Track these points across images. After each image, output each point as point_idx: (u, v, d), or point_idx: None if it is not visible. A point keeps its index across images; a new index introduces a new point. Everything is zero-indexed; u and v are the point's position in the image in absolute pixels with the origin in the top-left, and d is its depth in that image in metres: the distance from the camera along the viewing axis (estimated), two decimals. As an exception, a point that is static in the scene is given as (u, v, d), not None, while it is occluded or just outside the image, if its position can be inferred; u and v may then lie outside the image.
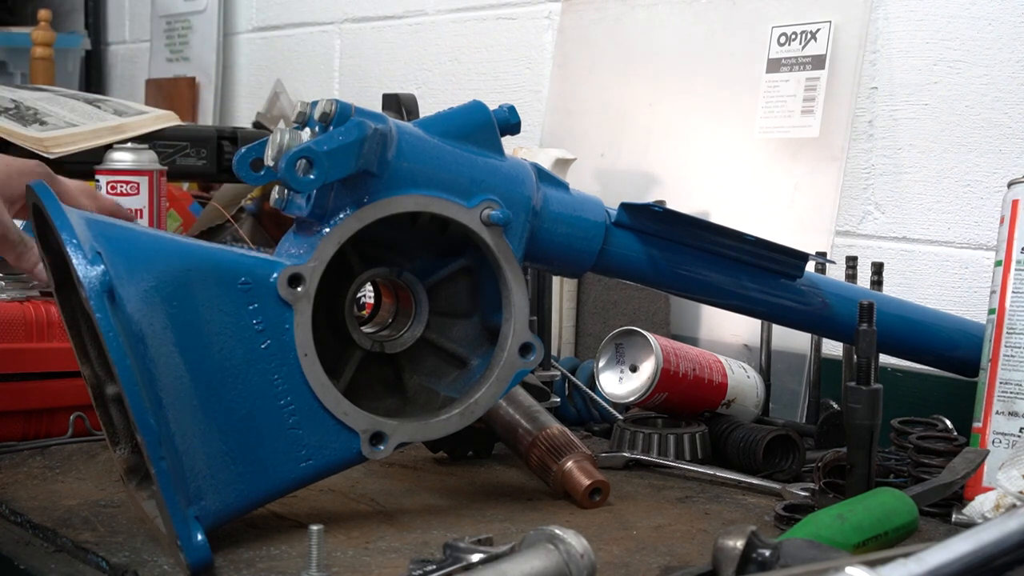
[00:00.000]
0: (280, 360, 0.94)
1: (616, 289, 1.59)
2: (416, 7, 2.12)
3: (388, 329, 1.06)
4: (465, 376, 1.05)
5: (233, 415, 0.92)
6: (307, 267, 0.94)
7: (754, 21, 1.59)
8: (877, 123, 1.48)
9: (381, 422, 0.97)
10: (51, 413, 1.27)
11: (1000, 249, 1.11)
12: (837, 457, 1.05)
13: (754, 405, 1.34)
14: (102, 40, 2.93)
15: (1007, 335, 1.08)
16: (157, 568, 0.89)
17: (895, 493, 0.94)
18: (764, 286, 1.13)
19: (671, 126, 1.67)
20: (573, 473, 1.07)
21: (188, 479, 0.89)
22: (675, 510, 1.08)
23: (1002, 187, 1.17)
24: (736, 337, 1.54)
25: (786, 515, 1.02)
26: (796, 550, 0.70)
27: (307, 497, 1.05)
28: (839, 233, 1.50)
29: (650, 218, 1.08)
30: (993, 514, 0.97)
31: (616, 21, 1.77)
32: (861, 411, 0.99)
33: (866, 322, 1.00)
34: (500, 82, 1.97)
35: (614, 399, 1.29)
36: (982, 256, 1.39)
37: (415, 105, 1.64)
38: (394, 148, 0.96)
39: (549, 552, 0.73)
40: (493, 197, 1.00)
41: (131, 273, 0.88)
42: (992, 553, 0.67)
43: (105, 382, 1.00)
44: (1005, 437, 1.07)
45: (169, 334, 0.89)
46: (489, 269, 1.03)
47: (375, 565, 0.90)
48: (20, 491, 1.08)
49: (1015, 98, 1.37)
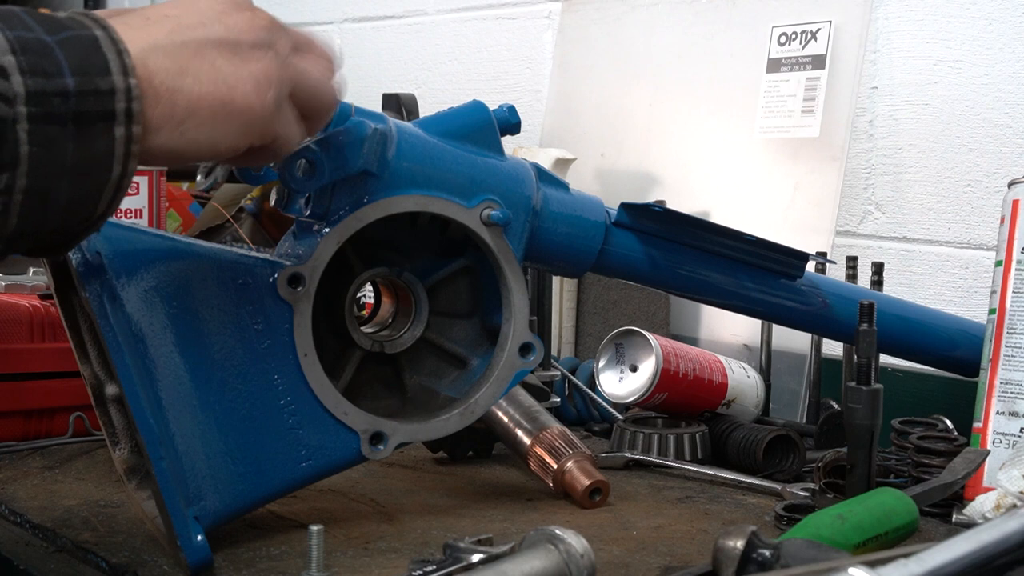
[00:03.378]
0: (280, 360, 0.94)
1: (616, 289, 1.59)
2: (416, 7, 2.12)
3: (388, 329, 1.06)
4: (465, 376, 1.05)
5: (233, 415, 0.92)
6: (307, 267, 0.94)
7: (754, 21, 1.59)
8: (877, 123, 1.48)
9: (381, 422, 0.97)
10: (51, 413, 1.27)
11: (1000, 249, 1.11)
12: (837, 457, 1.05)
13: (754, 405, 1.34)
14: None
15: (1007, 335, 1.08)
16: (157, 568, 0.89)
17: (895, 493, 0.94)
18: (764, 286, 1.13)
19: (671, 126, 1.67)
20: (573, 473, 1.07)
21: (188, 479, 0.89)
22: (675, 510, 1.08)
23: (1002, 187, 1.17)
24: (736, 337, 1.54)
25: (786, 515, 1.02)
26: (796, 550, 0.70)
27: (307, 497, 1.05)
28: (839, 233, 1.50)
29: (650, 218, 1.08)
30: (993, 514, 0.97)
31: (616, 21, 1.77)
32: (861, 411, 0.99)
33: (866, 322, 1.00)
34: (500, 82, 1.97)
35: (614, 399, 1.29)
36: (982, 256, 1.39)
37: (415, 105, 1.64)
38: (394, 148, 0.96)
39: (549, 552, 0.73)
40: (493, 197, 1.00)
41: (131, 273, 0.88)
42: (992, 553, 0.67)
43: (105, 382, 0.99)
44: (1005, 437, 1.07)
45: (169, 334, 0.89)
46: (489, 269, 1.03)
47: (375, 565, 0.90)
48: (20, 491, 1.08)
49: (1015, 98, 1.37)
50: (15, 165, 0.67)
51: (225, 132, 0.77)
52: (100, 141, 0.70)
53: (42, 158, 0.68)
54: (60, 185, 0.70)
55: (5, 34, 0.68)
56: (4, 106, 0.66)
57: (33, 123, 0.68)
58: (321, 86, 0.84)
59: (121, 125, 0.71)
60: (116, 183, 0.72)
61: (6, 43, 0.67)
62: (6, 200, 0.68)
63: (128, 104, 0.71)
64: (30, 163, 0.68)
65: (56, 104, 0.68)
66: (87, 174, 0.71)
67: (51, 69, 0.68)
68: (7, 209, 0.68)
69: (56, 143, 0.69)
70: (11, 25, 0.69)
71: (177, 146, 0.75)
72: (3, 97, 0.66)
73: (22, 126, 0.67)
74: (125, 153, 0.71)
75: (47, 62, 0.68)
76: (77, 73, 0.69)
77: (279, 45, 0.80)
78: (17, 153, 0.67)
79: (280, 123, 0.80)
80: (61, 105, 0.68)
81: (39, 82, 0.68)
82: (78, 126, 0.69)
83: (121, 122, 0.71)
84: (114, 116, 0.70)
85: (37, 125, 0.68)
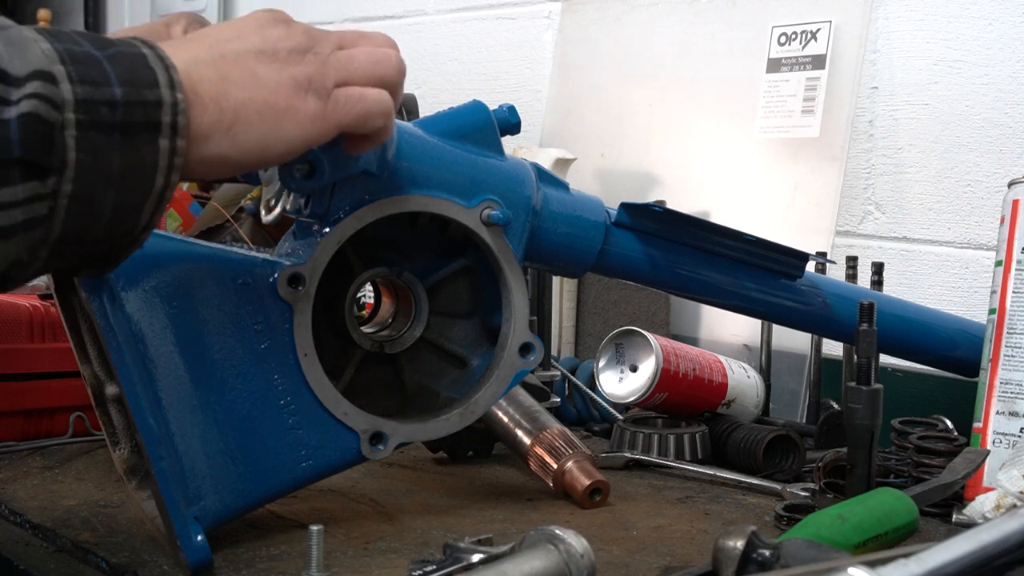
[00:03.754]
0: (280, 360, 0.94)
1: (616, 289, 1.59)
2: (416, 7, 2.12)
3: (388, 329, 1.06)
4: (465, 376, 1.05)
5: (233, 415, 0.92)
6: (307, 267, 0.94)
7: (754, 21, 1.59)
8: (877, 123, 1.48)
9: (381, 422, 0.97)
10: (51, 413, 1.27)
11: (1000, 249, 1.11)
12: (837, 457, 1.05)
13: (754, 405, 1.34)
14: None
15: (1007, 335, 1.08)
16: (157, 568, 0.89)
17: (895, 493, 0.94)
18: (764, 286, 1.13)
19: (671, 126, 1.67)
20: (573, 473, 1.07)
21: (188, 479, 0.89)
22: (675, 510, 1.08)
23: (1002, 187, 1.17)
24: (736, 337, 1.54)
25: (786, 515, 1.02)
26: (796, 550, 0.70)
27: (307, 497, 1.05)
28: (839, 233, 1.50)
29: (650, 218, 1.08)
30: (993, 514, 0.97)
31: (616, 21, 1.77)
32: (861, 411, 0.99)
33: (866, 322, 1.00)
34: (500, 82, 1.97)
35: (614, 399, 1.29)
36: (982, 256, 1.39)
37: (415, 105, 1.64)
38: (394, 148, 0.96)
39: (549, 552, 0.73)
40: (493, 197, 1.00)
41: (131, 273, 0.88)
42: (992, 553, 0.67)
43: (105, 382, 0.99)
44: (1005, 437, 1.07)
45: (169, 334, 0.89)
46: (489, 269, 1.03)
47: (375, 565, 0.90)
48: (20, 491, 1.08)
49: (1015, 98, 1.37)
50: (62, 170, 0.69)
51: (273, 134, 0.79)
52: (145, 151, 0.72)
53: (89, 165, 0.69)
54: (106, 193, 0.71)
55: (55, 45, 0.69)
56: (54, 111, 0.68)
57: (81, 130, 0.69)
58: (376, 58, 0.85)
59: (166, 137, 0.72)
60: (159, 195, 0.74)
61: (55, 53, 0.69)
62: (52, 204, 0.69)
63: (174, 117, 0.72)
64: (77, 169, 0.69)
65: (104, 113, 0.70)
66: (132, 184, 0.72)
67: (99, 79, 0.70)
68: (53, 213, 0.69)
69: (103, 151, 0.70)
70: (60, 39, 0.70)
71: (229, 152, 0.77)
72: (52, 103, 0.68)
73: (70, 132, 0.68)
74: (168, 165, 0.73)
75: (95, 72, 0.70)
76: (125, 84, 0.71)
77: (319, 47, 0.82)
78: (65, 159, 0.68)
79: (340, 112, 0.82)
80: (109, 114, 0.70)
81: (88, 90, 0.69)
82: (124, 136, 0.70)
83: (166, 134, 0.72)
84: (159, 128, 0.72)
85: (85, 132, 0.69)
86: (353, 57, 0.84)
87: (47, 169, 0.68)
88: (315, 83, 0.81)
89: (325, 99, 0.81)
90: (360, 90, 0.83)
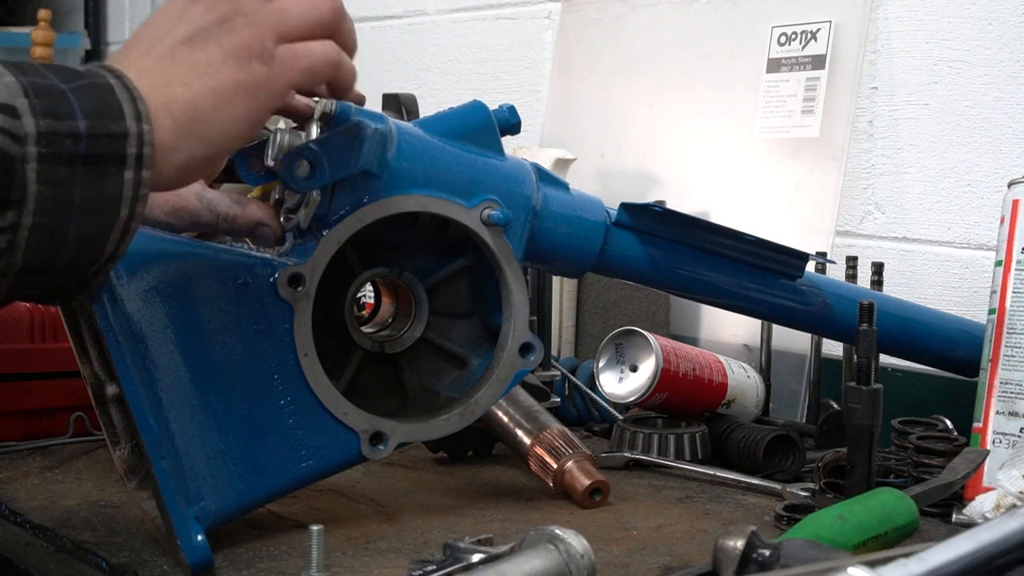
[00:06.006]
0: (280, 360, 0.94)
1: (616, 289, 1.59)
2: (416, 7, 2.12)
3: (388, 329, 1.06)
4: (465, 376, 1.05)
5: (233, 415, 0.92)
6: (307, 267, 0.94)
7: (754, 21, 1.59)
8: (877, 123, 1.48)
9: (381, 422, 0.97)
10: (51, 413, 1.27)
11: (1000, 249, 1.11)
12: (837, 457, 1.05)
13: (754, 405, 1.34)
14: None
15: (1007, 335, 1.08)
16: (157, 568, 0.89)
17: (895, 493, 0.94)
18: (764, 286, 1.13)
19: (671, 126, 1.67)
20: (573, 473, 1.07)
21: (188, 479, 0.89)
22: (675, 510, 1.08)
23: (1002, 187, 1.17)
24: (736, 337, 1.54)
25: (786, 515, 1.02)
26: (796, 550, 0.70)
27: (307, 497, 1.05)
28: (839, 233, 1.50)
29: (650, 218, 1.08)
30: (993, 514, 0.97)
31: (616, 21, 1.77)
32: (861, 411, 0.99)
33: (866, 322, 1.00)
34: (500, 82, 1.97)
35: (614, 399, 1.29)
36: (982, 256, 1.39)
37: (415, 105, 1.64)
38: (394, 148, 0.96)
39: (549, 552, 0.73)
40: (493, 197, 1.00)
41: (131, 273, 0.88)
42: (992, 553, 0.67)
43: (105, 382, 0.99)
44: (1005, 437, 1.07)
45: (169, 334, 0.89)
46: (489, 269, 1.03)
47: (375, 565, 0.90)
48: (20, 491, 1.08)
49: (1015, 98, 1.37)
50: (22, 203, 0.69)
51: (232, 117, 0.78)
52: (109, 183, 0.72)
53: (50, 197, 0.69)
54: (67, 224, 0.71)
55: (19, 79, 0.69)
56: (14, 145, 0.68)
57: (43, 163, 0.69)
58: (309, 3, 0.83)
59: (131, 169, 0.72)
60: (124, 224, 0.73)
61: (19, 87, 0.69)
62: (11, 238, 0.69)
63: (139, 149, 0.72)
64: (37, 202, 0.69)
65: (67, 145, 0.70)
66: (96, 214, 0.72)
67: (63, 112, 0.70)
68: (13, 246, 0.69)
69: (64, 183, 0.70)
70: (26, 72, 0.70)
71: (198, 151, 0.77)
72: (13, 136, 0.68)
73: (31, 165, 0.68)
74: (133, 196, 0.73)
75: (60, 105, 0.70)
76: (90, 116, 0.71)
77: (244, 6, 0.80)
78: (25, 192, 0.68)
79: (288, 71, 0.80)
80: (72, 146, 0.70)
81: (51, 123, 0.69)
82: (88, 167, 0.71)
83: (131, 166, 0.72)
84: (124, 160, 0.72)
85: (46, 165, 0.69)
86: (284, 8, 0.82)
87: (7, 202, 0.68)
88: (254, 48, 0.79)
89: (270, 61, 0.79)
90: (305, 45, 0.82)
